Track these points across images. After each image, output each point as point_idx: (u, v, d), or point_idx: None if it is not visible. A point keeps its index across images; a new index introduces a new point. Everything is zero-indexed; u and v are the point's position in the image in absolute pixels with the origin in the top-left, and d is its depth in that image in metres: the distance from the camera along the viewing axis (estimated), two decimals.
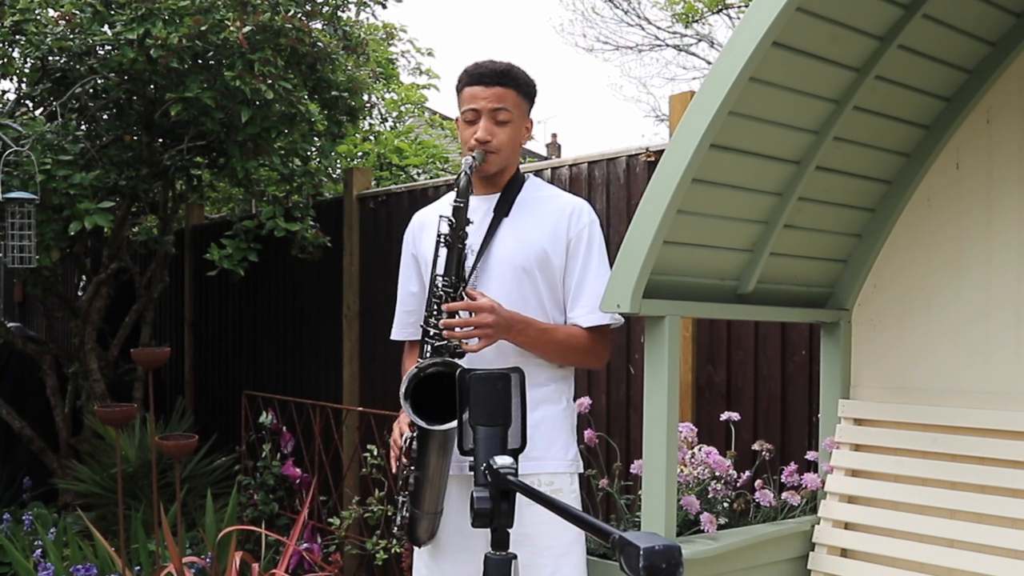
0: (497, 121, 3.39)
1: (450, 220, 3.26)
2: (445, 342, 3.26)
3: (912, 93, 3.53)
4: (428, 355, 3.29)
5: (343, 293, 6.80)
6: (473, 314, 3.23)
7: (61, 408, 7.37)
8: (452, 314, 3.23)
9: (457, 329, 3.22)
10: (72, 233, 5.79)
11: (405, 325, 3.71)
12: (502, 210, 3.45)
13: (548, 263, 3.42)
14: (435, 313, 3.29)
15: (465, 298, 3.26)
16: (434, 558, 3.46)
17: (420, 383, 3.21)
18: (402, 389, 3.22)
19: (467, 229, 3.29)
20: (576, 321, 3.45)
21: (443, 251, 3.29)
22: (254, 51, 5.76)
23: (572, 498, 3.46)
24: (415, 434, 3.29)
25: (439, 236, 3.31)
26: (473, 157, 3.33)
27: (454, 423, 3.02)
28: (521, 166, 3.62)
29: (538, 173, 5.36)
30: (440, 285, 3.28)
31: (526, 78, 3.48)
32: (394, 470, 3.47)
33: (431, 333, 3.30)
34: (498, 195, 3.48)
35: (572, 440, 3.52)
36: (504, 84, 3.41)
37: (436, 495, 3.35)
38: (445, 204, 3.57)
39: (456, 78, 3.51)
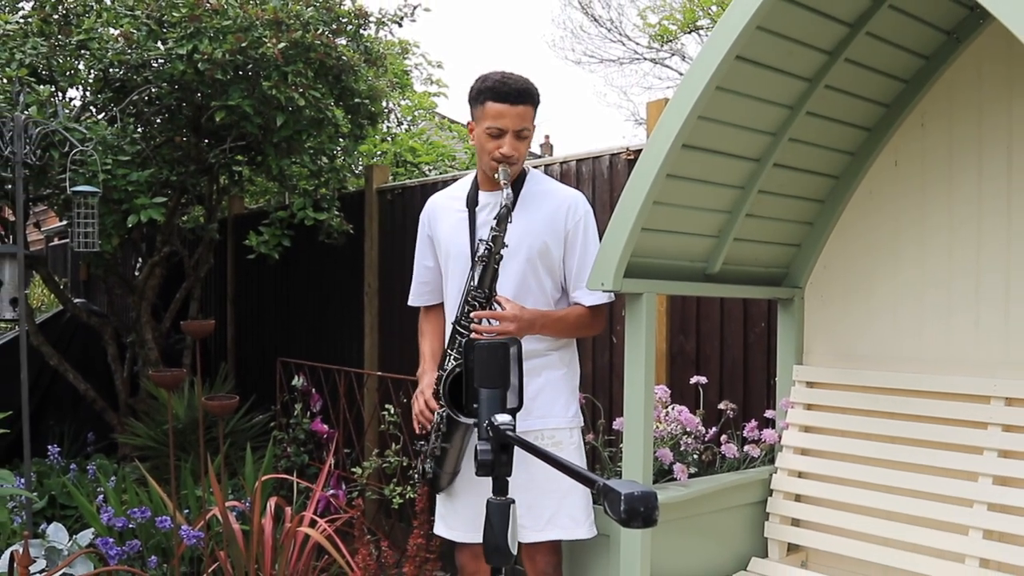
0: (520, 137, 3.36)
1: (489, 245, 3.25)
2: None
3: (856, 100, 3.53)
4: (457, 351, 3.32)
5: (364, 274, 6.79)
6: (499, 322, 3.25)
7: (120, 373, 7.37)
8: (480, 321, 3.26)
9: (485, 334, 3.25)
10: (130, 225, 5.79)
11: (421, 293, 3.75)
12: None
13: (548, 253, 3.44)
14: (466, 315, 3.30)
15: (495, 306, 3.28)
16: (450, 499, 3.52)
17: (455, 379, 3.25)
18: (442, 387, 3.28)
19: (501, 252, 3.28)
20: (579, 300, 3.48)
21: (479, 268, 3.29)
22: (288, 64, 5.75)
23: (572, 449, 3.50)
24: (445, 413, 3.31)
25: (478, 256, 3.30)
26: (510, 192, 3.27)
27: None
28: None
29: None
30: (474, 296, 3.29)
31: (538, 92, 3.42)
32: (418, 431, 3.50)
33: (460, 333, 3.32)
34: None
35: (573, 399, 3.54)
36: (526, 102, 3.35)
37: (457, 459, 3.42)
38: (455, 193, 3.61)
39: (475, 88, 3.41)
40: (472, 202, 3.50)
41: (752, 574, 3.68)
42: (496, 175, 3.33)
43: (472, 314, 3.27)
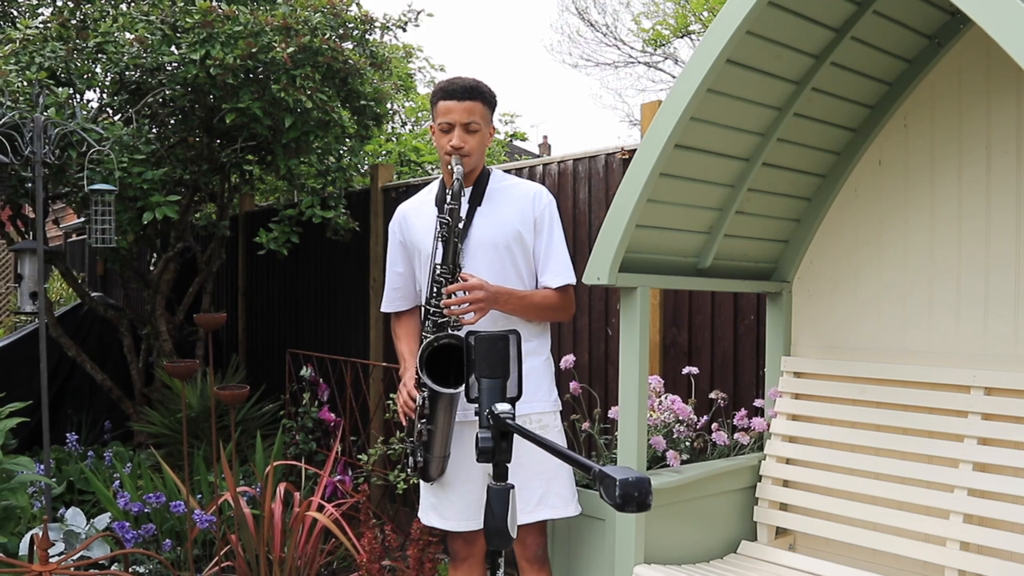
0: (468, 131, 3.42)
1: (446, 220, 3.31)
2: (447, 319, 3.30)
3: (842, 102, 3.53)
4: (431, 330, 3.34)
5: (370, 268, 6.79)
6: (467, 293, 3.27)
7: (136, 363, 7.37)
8: (451, 295, 3.28)
9: (455, 307, 3.26)
10: (145, 223, 5.79)
11: (393, 300, 3.75)
12: (476, 201, 3.49)
13: (521, 239, 3.48)
14: (436, 294, 3.34)
15: (460, 281, 3.31)
16: (442, 488, 3.50)
17: (432, 353, 3.25)
18: (419, 360, 3.27)
19: (456, 221, 3.33)
20: (546, 283, 3.50)
21: (440, 245, 3.34)
22: (296, 68, 5.74)
23: (557, 430, 3.53)
24: (426, 395, 3.32)
25: (436, 234, 3.36)
26: (461, 168, 3.36)
27: (461, 388, 3.07)
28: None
29: (531, 169, 5.35)
30: (440, 272, 3.33)
31: (489, 91, 3.51)
32: (405, 423, 3.51)
33: (432, 312, 3.35)
34: (471, 188, 3.51)
35: (552, 385, 3.57)
36: (472, 98, 3.43)
37: (444, 442, 3.40)
38: (425, 197, 3.65)
39: (431, 93, 3.54)
40: (441, 202, 3.52)
41: (742, 557, 3.68)
42: (449, 166, 3.39)
43: (444, 290, 3.30)
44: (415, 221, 3.61)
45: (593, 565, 3.54)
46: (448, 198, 3.31)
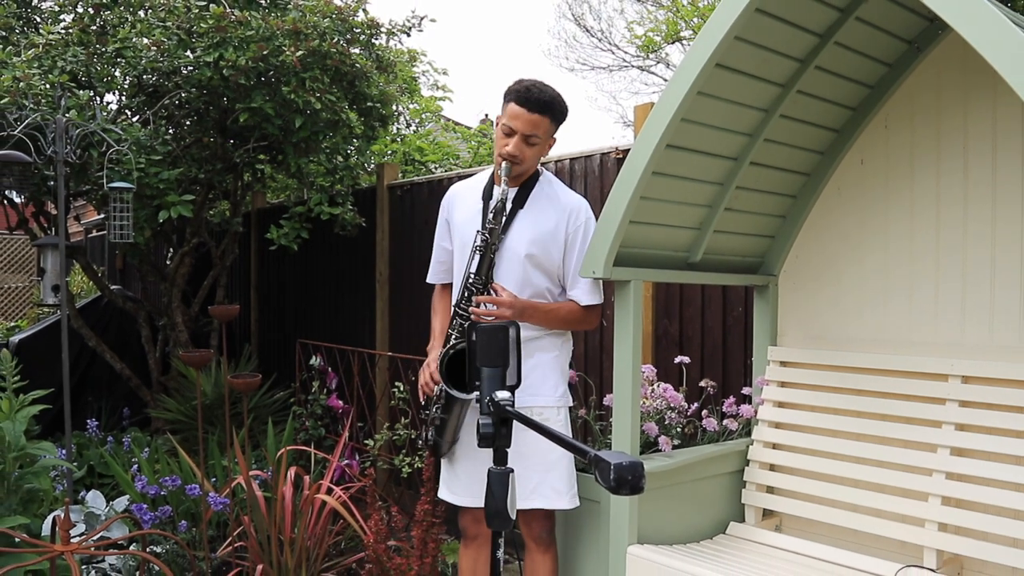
0: (528, 143, 3.36)
1: (485, 236, 3.32)
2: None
3: (826, 104, 3.52)
4: (457, 332, 3.35)
5: (376, 263, 6.79)
6: (496, 307, 3.28)
7: (153, 353, 7.37)
8: (480, 305, 3.30)
9: (483, 317, 3.29)
10: (161, 221, 5.79)
11: (437, 272, 3.75)
12: (519, 203, 3.46)
13: (548, 254, 3.44)
14: (467, 300, 3.35)
15: (492, 292, 3.32)
16: (453, 466, 3.54)
17: (451, 358, 3.29)
18: (440, 365, 3.31)
19: (495, 239, 3.35)
20: (576, 299, 3.48)
21: (476, 257, 3.35)
22: (305, 71, 5.74)
23: (559, 427, 3.48)
24: (444, 388, 3.34)
25: (475, 246, 3.37)
26: (505, 185, 3.34)
27: (474, 395, 3.10)
28: None
29: None
30: (472, 281, 3.34)
31: (562, 107, 3.41)
32: (422, 400, 3.52)
33: (460, 314, 3.36)
34: (517, 189, 3.47)
35: (562, 381, 3.53)
36: (543, 113, 3.34)
37: (455, 429, 3.44)
38: (473, 184, 3.63)
39: (509, 88, 3.42)
40: (487, 195, 3.52)
41: (730, 537, 3.68)
42: (499, 170, 3.37)
43: (474, 299, 3.30)
44: (460, 206, 3.60)
45: (589, 545, 3.55)
46: (491, 216, 3.32)
